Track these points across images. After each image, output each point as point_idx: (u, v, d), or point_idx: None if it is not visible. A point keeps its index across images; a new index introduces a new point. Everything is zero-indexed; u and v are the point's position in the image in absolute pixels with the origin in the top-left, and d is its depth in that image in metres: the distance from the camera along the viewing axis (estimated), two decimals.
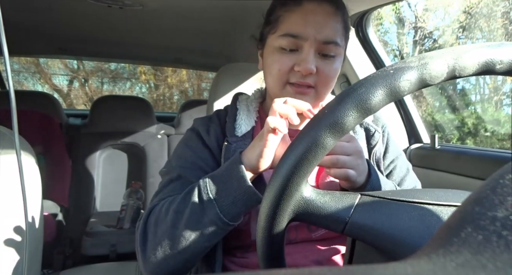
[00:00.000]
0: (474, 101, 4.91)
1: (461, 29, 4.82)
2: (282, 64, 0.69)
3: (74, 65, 7.37)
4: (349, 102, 0.36)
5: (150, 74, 7.38)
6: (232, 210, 0.59)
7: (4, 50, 0.33)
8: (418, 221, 0.38)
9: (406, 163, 0.81)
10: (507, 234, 0.15)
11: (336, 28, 0.69)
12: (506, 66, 0.36)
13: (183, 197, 0.63)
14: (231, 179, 0.59)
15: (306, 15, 0.67)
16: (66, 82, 7.58)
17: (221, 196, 0.59)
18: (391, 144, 0.80)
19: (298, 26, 0.67)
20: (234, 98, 0.83)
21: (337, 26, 0.69)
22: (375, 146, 0.77)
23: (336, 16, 0.69)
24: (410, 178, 0.79)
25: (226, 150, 0.73)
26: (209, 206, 0.59)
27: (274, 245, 0.42)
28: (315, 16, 0.67)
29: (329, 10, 0.68)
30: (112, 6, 1.23)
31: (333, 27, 0.68)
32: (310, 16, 0.67)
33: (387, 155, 0.79)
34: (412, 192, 0.42)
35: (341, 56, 0.71)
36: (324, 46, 0.68)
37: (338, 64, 0.71)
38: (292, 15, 0.68)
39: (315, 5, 0.68)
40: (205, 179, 0.62)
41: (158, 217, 0.64)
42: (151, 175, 2.04)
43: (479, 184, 0.20)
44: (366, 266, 0.15)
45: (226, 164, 0.63)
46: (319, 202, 0.40)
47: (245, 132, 0.76)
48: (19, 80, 7.11)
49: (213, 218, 0.59)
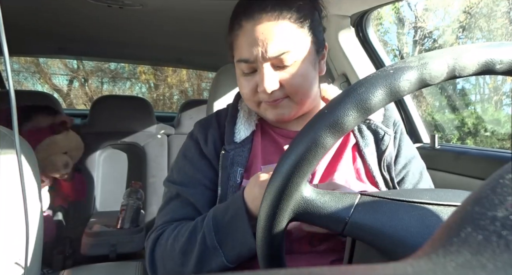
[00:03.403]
0: (474, 101, 4.91)
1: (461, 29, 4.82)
2: (247, 88, 0.68)
3: (74, 65, 7.37)
4: (349, 102, 0.36)
5: (150, 74, 7.39)
6: (237, 259, 0.60)
7: (4, 50, 0.33)
8: (418, 221, 0.38)
9: (420, 166, 0.76)
10: (507, 234, 0.15)
11: (283, 35, 0.64)
12: (506, 66, 0.36)
13: (188, 237, 0.64)
14: (236, 232, 0.60)
15: (248, 37, 0.65)
16: (66, 82, 7.58)
17: (227, 247, 0.60)
18: (403, 146, 0.75)
19: (244, 50, 0.66)
20: (236, 98, 0.81)
21: (284, 32, 0.64)
22: (385, 150, 0.72)
23: (280, 21, 0.64)
24: (423, 185, 0.74)
25: (224, 158, 0.72)
26: (215, 253, 0.61)
27: (274, 245, 0.42)
28: (256, 35, 0.64)
29: (269, 21, 0.64)
30: (112, 6, 1.23)
31: (278, 38, 0.64)
32: (252, 37, 0.64)
33: (399, 160, 0.74)
34: (412, 192, 0.42)
35: (302, 54, 0.66)
36: (278, 60, 0.65)
37: (302, 66, 0.67)
38: (238, 40, 0.67)
39: (253, 24, 0.64)
40: (209, 223, 0.62)
41: (164, 252, 0.66)
42: (151, 174, 2.04)
43: (479, 184, 0.20)
44: (366, 266, 0.15)
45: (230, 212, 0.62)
46: (319, 202, 0.40)
47: (244, 138, 0.74)
48: (19, 80, 7.11)
49: (220, 264, 0.60)
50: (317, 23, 0.69)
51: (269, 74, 0.65)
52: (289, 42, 0.64)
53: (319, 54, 0.71)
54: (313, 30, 0.68)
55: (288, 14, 0.64)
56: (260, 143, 0.75)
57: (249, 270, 0.16)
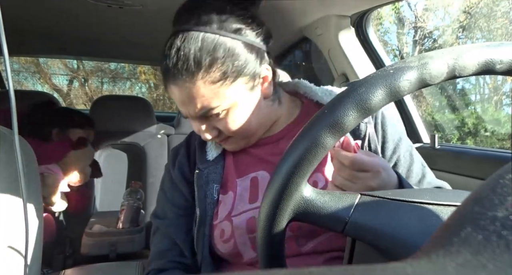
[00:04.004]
0: (474, 101, 4.91)
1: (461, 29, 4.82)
2: (195, 129, 0.70)
3: (74, 65, 7.37)
4: (349, 102, 0.36)
5: (150, 74, 7.39)
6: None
7: (4, 50, 0.33)
8: (418, 221, 0.38)
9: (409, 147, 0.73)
10: (507, 234, 0.15)
11: (204, 96, 0.62)
12: (506, 66, 0.36)
13: None
14: None
15: (175, 98, 0.66)
16: (66, 82, 7.58)
17: None
18: (388, 131, 0.72)
19: (178, 106, 0.68)
20: None
21: (203, 92, 0.62)
22: (364, 139, 0.69)
23: (197, 83, 0.62)
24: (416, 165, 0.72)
25: (198, 177, 0.73)
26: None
27: (274, 245, 0.42)
28: (179, 97, 0.64)
29: (187, 84, 0.62)
30: (112, 6, 1.23)
31: (200, 99, 0.63)
32: (176, 98, 0.65)
33: (387, 145, 0.71)
34: (412, 192, 0.42)
35: (231, 103, 0.64)
36: (205, 115, 0.65)
37: (235, 112, 0.65)
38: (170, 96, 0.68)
39: (174, 87, 0.64)
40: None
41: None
42: (151, 174, 2.04)
43: (479, 184, 0.20)
44: (366, 266, 0.15)
45: None
46: (319, 201, 0.40)
47: (217, 155, 0.75)
48: (19, 80, 7.11)
49: None
50: (243, 60, 0.64)
51: (203, 127, 0.67)
52: (209, 101, 0.63)
53: (255, 86, 0.67)
54: (238, 75, 0.64)
55: (200, 76, 0.61)
56: (232, 157, 0.76)
57: (249, 270, 0.16)
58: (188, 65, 0.61)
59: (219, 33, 0.62)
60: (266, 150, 0.74)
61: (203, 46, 0.61)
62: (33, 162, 0.73)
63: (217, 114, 0.65)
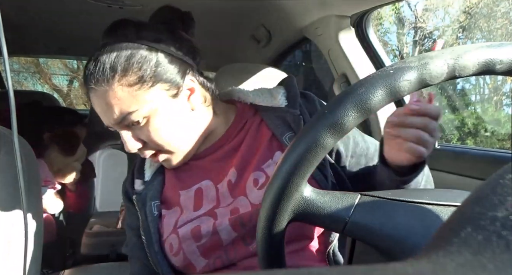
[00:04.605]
0: (474, 101, 4.91)
1: (461, 29, 4.82)
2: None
3: (74, 65, 7.37)
4: (349, 102, 0.36)
5: None
6: None
7: (4, 50, 0.33)
8: (418, 221, 0.38)
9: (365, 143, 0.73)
10: (507, 234, 0.15)
11: (119, 100, 0.61)
12: (506, 66, 0.36)
13: None
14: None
15: (95, 106, 0.65)
16: (66, 82, 7.58)
17: None
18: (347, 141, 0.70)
19: (100, 116, 0.66)
20: None
21: (118, 97, 0.61)
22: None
23: (112, 87, 0.61)
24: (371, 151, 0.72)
25: (137, 201, 0.72)
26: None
27: (274, 245, 0.42)
28: (96, 104, 0.64)
29: (101, 89, 0.62)
30: (112, 6, 1.23)
31: (115, 104, 0.62)
32: (97, 106, 0.64)
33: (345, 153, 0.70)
34: (412, 192, 0.42)
35: (150, 109, 0.63)
36: (125, 122, 0.63)
37: (156, 120, 0.64)
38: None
39: (92, 94, 0.64)
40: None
41: None
42: None
43: (479, 184, 0.20)
44: (366, 266, 0.15)
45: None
46: (319, 202, 0.40)
47: (153, 173, 0.75)
48: (19, 80, 7.11)
49: None
50: (162, 68, 0.64)
51: (126, 136, 0.65)
52: (127, 105, 0.62)
53: (178, 95, 0.66)
54: (156, 81, 0.63)
55: (116, 79, 0.61)
56: (173, 172, 0.74)
57: (249, 270, 0.16)
58: (104, 71, 0.61)
59: (136, 42, 0.63)
60: (207, 159, 0.73)
61: (120, 54, 0.62)
62: (33, 162, 0.73)
63: (137, 122, 0.63)
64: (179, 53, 0.67)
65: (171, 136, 0.66)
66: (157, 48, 0.64)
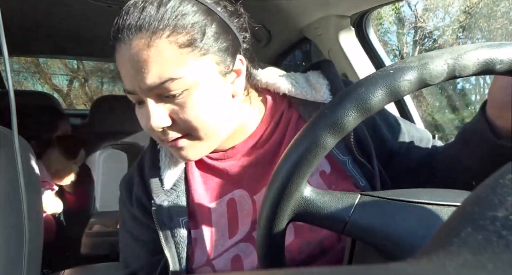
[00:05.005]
0: (474, 101, 4.91)
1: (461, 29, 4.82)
2: (142, 121, 0.56)
3: (74, 65, 7.37)
4: (349, 102, 0.36)
5: None
6: None
7: (4, 50, 0.33)
8: (418, 221, 0.38)
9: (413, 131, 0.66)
10: (507, 234, 0.15)
11: (162, 60, 0.50)
12: (506, 66, 0.36)
13: None
14: None
15: (123, 64, 0.52)
16: (66, 82, 7.58)
17: None
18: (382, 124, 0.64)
19: (125, 79, 0.54)
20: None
21: (162, 56, 0.50)
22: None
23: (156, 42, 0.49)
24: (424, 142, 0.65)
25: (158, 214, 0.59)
26: None
27: (274, 245, 0.42)
28: (129, 61, 0.51)
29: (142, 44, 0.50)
30: (112, 6, 1.23)
31: (156, 64, 0.50)
32: (126, 63, 0.52)
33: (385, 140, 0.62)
34: (412, 192, 0.42)
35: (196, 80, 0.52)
36: (161, 89, 0.51)
37: (199, 95, 0.53)
38: (118, 66, 0.55)
39: (125, 48, 0.51)
40: None
41: None
42: None
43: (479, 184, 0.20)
44: (366, 266, 0.15)
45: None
46: (319, 202, 0.40)
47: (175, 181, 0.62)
48: (19, 80, 7.11)
49: None
50: (217, 37, 0.54)
51: (153, 109, 0.52)
52: (171, 68, 0.50)
53: (228, 75, 0.57)
54: (208, 51, 0.53)
55: (166, 33, 0.50)
56: (197, 179, 0.63)
57: (249, 270, 0.16)
58: (152, 17, 0.50)
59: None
60: (237, 161, 0.63)
61: (175, 5, 0.51)
62: (33, 161, 0.73)
63: (174, 95, 0.52)
64: (235, 26, 0.58)
65: (209, 118, 0.54)
66: (215, 13, 0.54)
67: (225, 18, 0.56)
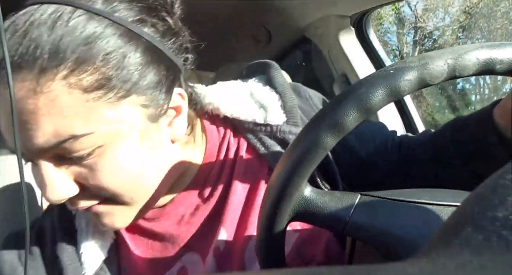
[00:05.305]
0: (474, 101, 4.91)
1: (461, 29, 4.82)
2: (39, 187, 0.40)
3: None
4: (349, 102, 0.36)
5: None
6: None
7: (5, 50, 0.33)
8: (418, 221, 0.38)
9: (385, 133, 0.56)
10: (507, 234, 0.15)
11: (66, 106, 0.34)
12: (506, 66, 0.36)
13: None
14: None
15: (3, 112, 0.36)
16: None
17: None
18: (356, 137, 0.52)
19: (6, 134, 0.38)
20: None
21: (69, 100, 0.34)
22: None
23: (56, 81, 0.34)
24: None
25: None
26: None
27: (274, 245, 0.42)
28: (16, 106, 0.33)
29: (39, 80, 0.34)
30: None
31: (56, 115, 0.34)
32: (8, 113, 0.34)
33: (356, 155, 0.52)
34: (412, 192, 0.42)
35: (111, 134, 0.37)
36: (59, 150, 0.36)
37: (115, 149, 0.38)
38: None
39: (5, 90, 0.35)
40: None
41: None
42: None
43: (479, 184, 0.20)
44: (366, 266, 0.15)
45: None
46: (319, 202, 0.41)
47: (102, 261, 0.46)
48: None
49: None
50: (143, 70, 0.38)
51: (51, 176, 0.37)
52: (73, 122, 0.35)
53: (159, 117, 0.42)
54: (132, 87, 0.38)
55: (62, 72, 0.34)
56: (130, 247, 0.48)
57: (249, 271, 0.16)
58: (38, 54, 0.34)
59: (107, 16, 0.36)
60: (179, 218, 0.48)
61: (75, 29, 0.35)
62: None
63: (82, 156, 0.36)
64: (171, 48, 0.43)
65: (134, 182, 0.40)
66: (140, 35, 0.38)
67: (155, 41, 0.40)
